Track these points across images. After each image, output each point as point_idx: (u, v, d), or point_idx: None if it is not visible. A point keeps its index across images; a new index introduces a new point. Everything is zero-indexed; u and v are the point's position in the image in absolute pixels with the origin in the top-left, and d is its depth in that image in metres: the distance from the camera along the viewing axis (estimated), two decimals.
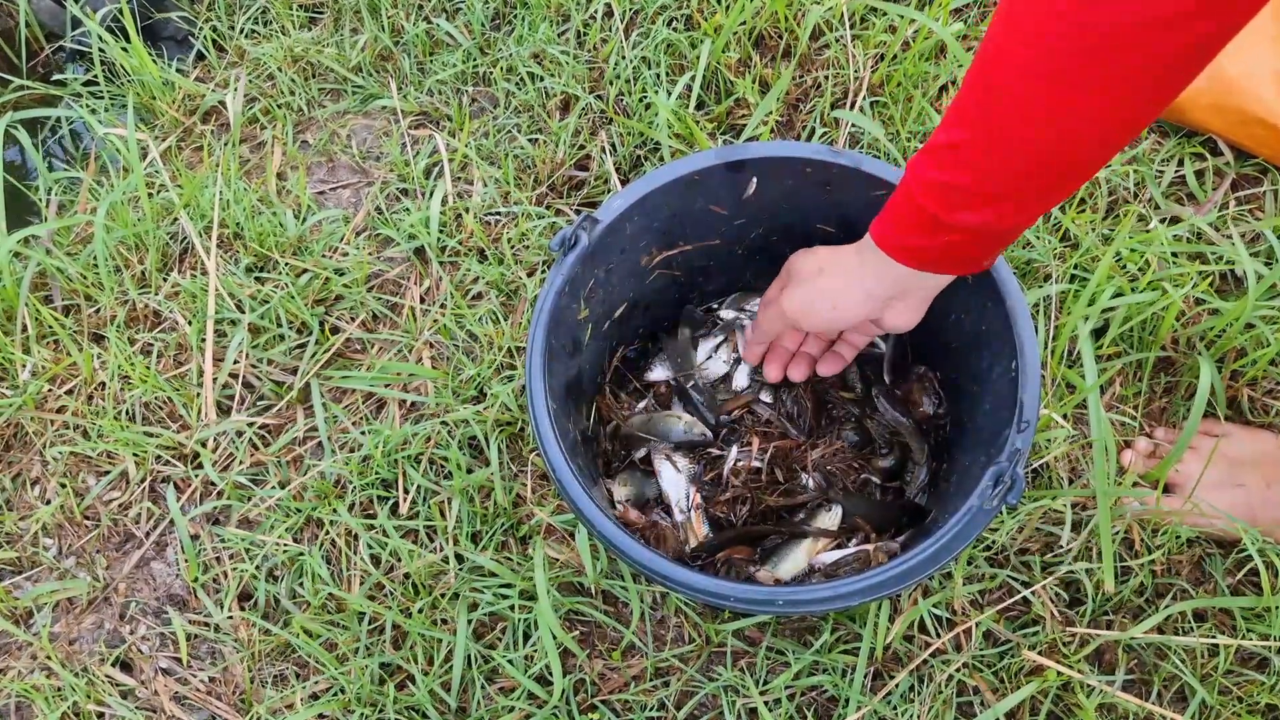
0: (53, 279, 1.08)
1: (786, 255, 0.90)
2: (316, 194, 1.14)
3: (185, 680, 0.90)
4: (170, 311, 1.05)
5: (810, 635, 0.86)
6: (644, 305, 0.90)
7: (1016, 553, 0.88)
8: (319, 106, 1.21)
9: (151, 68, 1.20)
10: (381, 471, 0.94)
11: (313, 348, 1.02)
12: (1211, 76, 1.01)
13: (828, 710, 0.84)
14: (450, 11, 1.24)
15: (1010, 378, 0.70)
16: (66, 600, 0.94)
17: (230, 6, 1.30)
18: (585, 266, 0.77)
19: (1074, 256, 0.98)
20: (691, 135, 1.07)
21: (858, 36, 1.12)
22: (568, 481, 0.68)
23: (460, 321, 1.02)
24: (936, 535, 0.65)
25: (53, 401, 1.02)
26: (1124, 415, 0.93)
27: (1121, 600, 0.85)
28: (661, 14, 1.16)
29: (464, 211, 1.08)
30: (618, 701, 0.85)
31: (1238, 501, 0.86)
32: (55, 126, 1.32)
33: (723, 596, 0.64)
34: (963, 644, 0.85)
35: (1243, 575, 0.87)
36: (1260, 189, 1.04)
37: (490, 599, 0.88)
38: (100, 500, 0.98)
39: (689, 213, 0.83)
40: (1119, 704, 0.81)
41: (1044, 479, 0.90)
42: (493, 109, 1.17)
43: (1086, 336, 0.85)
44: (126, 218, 1.08)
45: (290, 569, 0.92)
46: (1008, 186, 0.58)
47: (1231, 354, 0.95)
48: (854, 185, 0.78)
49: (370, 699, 0.85)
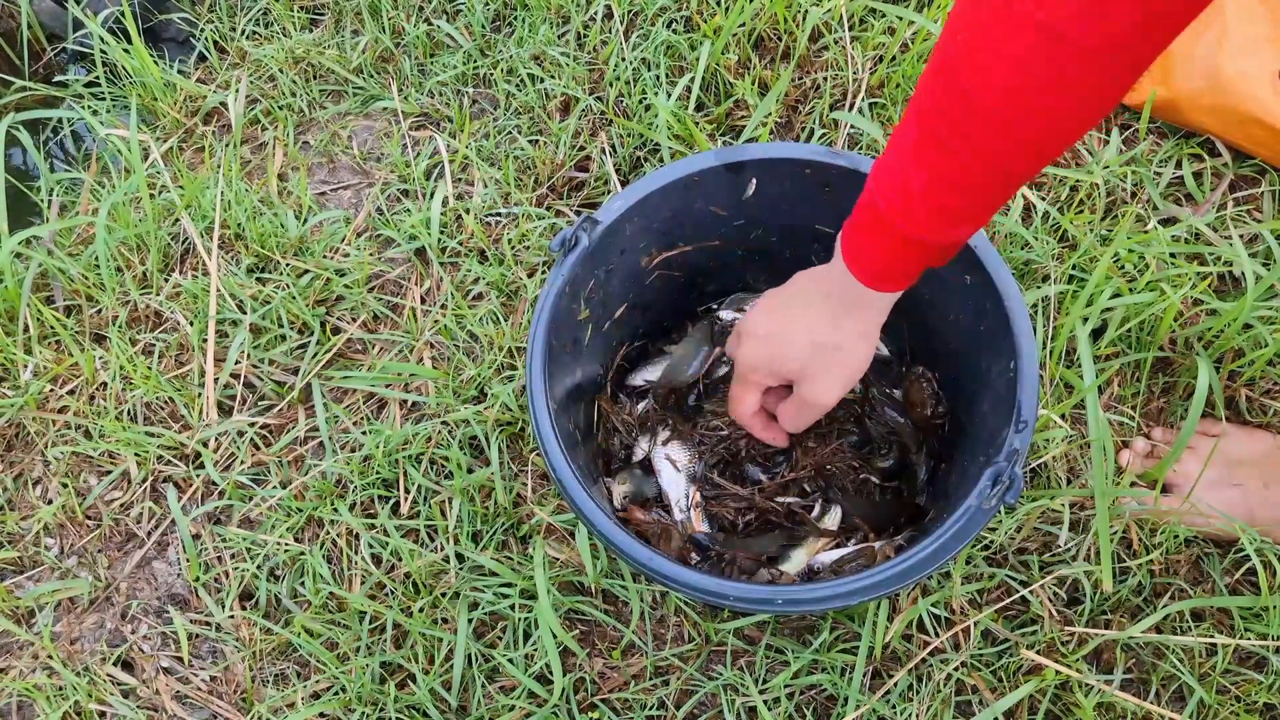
0: (54, 279, 1.08)
1: (786, 256, 0.91)
2: (317, 195, 1.15)
3: (186, 679, 0.90)
4: (172, 312, 1.05)
5: (809, 634, 0.86)
6: (644, 305, 0.91)
7: (1015, 552, 0.88)
8: (320, 108, 1.21)
9: (153, 69, 1.20)
10: (382, 471, 0.94)
11: (314, 348, 1.02)
12: (1210, 77, 1.01)
13: (827, 709, 0.84)
14: (451, 13, 1.25)
15: (1009, 378, 0.70)
16: (68, 600, 0.94)
17: (232, 8, 1.30)
18: (585, 267, 0.77)
19: (1072, 257, 0.98)
20: (691, 136, 1.07)
21: (856, 38, 1.12)
22: (568, 481, 0.69)
23: (461, 322, 1.02)
24: (935, 535, 0.65)
25: (54, 402, 1.02)
26: (1122, 415, 0.93)
27: (1119, 600, 0.86)
28: (661, 16, 1.16)
29: (464, 212, 1.09)
30: (617, 700, 0.86)
31: (1235, 501, 0.86)
32: (57, 128, 1.33)
33: (722, 596, 0.64)
34: (961, 643, 0.85)
35: (1240, 575, 0.87)
36: (1258, 190, 1.05)
37: (491, 598, 0.88)
38: (102, 500, 0.98)
39: (689, 214, 0.83)
40: (1117, 703, 0.82)
41: (1042, 479, 0.91)
42: (493, 110, 1.18)
43: (1085, 337, 0.86)
44: (128, 218, 1.08)
45: (291, 568, 0.92)
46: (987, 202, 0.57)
47: (1229, 354, 0.95)
48: (853, 186, 0.78)
49: (371, 698, 0.86)
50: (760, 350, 0.72)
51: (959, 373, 0.83)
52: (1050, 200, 1.04)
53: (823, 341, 0.68)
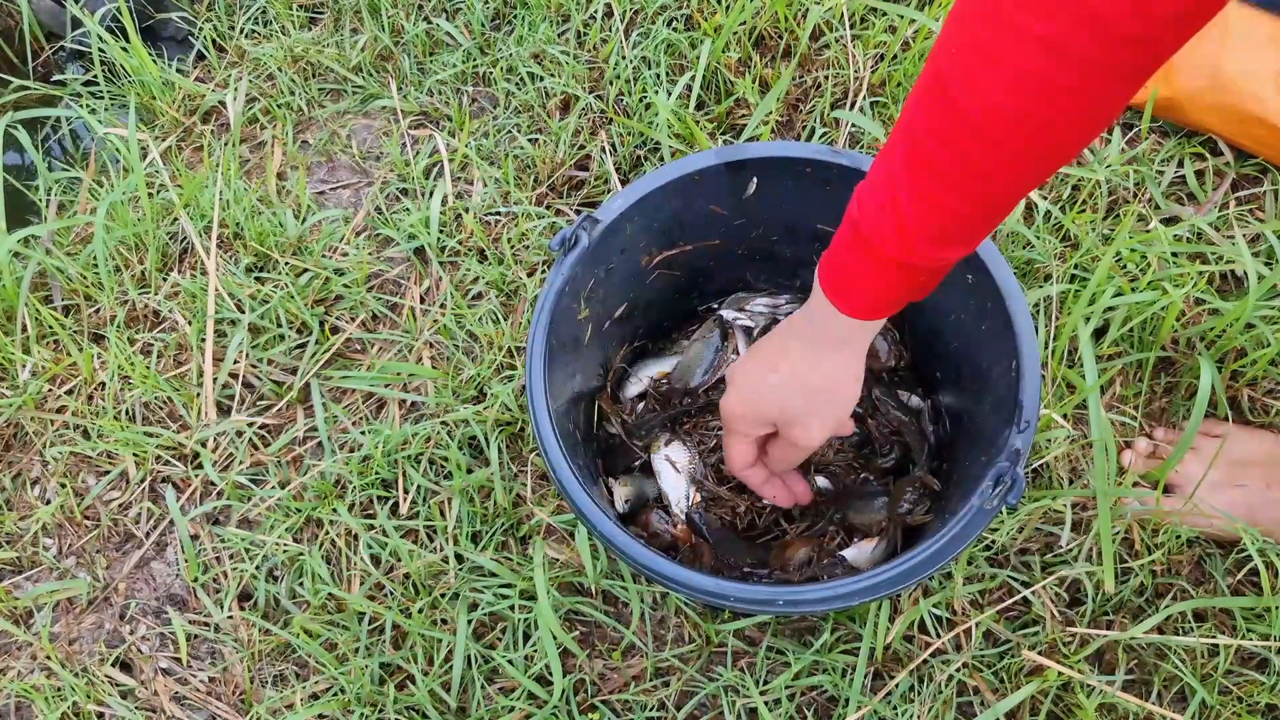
0: (53, 279, 1.08)
1: (787, 256, 0.90)
2: (316, 194, 1.14)
3: (185, 680, 0.90)
4: (170, 311, 1.05)
5: (810, 635, 0.86)
6: (644, 305, 0.90)
7: (1017, 553, 0.88)
8: (319, 106, 1.21)
9: (151, 68, 1.20)
10: (381, 471, 0.94)
11: (313, 348, 1.02)
12: (1211, 76, 1.01)
13: (828, 710, 0.84)
14: (450, 11, 1.24)
15: (1010, 378, 0.70)
16: (66, 600, 0.94)
17: (230, 7, 1.30)
18: (585, 266, 0.77)
19: (1074, 256, 0.98)
20: (691, 135, 1.07)
21: (858, 37, 1.12)
22: (568, 481, 0.68)
23: (460, 321, 1.02)
24: (937, 535, 0.65)
25: (53, 401, 1.02)
26: (1124, 415, 0.93)
27: (1121, 600, 0.85)
28: (661, 14, 1.16)
29: (464, 211, 1.08)
30: (618, 701, 0.85)
31: (1238, 501, 0.86)
32: (55, 126, 1.32)
33: (723, 596, 0.64)
34: (963, 644, 0.85)
35: (1243, 575, 0.87)
36: (1260, 189, 1.04)
37: (490, 599, 0.88)
38: (100, 500, 0.98)
39: (689, 213, 0.83)
40: (1119, 704, 0.81)
41: (1044, 479, 0.90)
42: (493, 109, 1.17)
43: (1087, 337, 0.85)
44: (126, 218, 1.08)
45: (290, 569, 0.92)
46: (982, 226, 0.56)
47: (1231, 354, 0.95)
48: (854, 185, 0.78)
49: (370, 699, 0.85)
50: (742, 400, 0.72)
51: (960, 373, 0.83)
52: (1052, 199, 1.04)
53: (805, 384, 0.68)
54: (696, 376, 0.89)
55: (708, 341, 0.90)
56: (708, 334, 0.91)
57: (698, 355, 0.90)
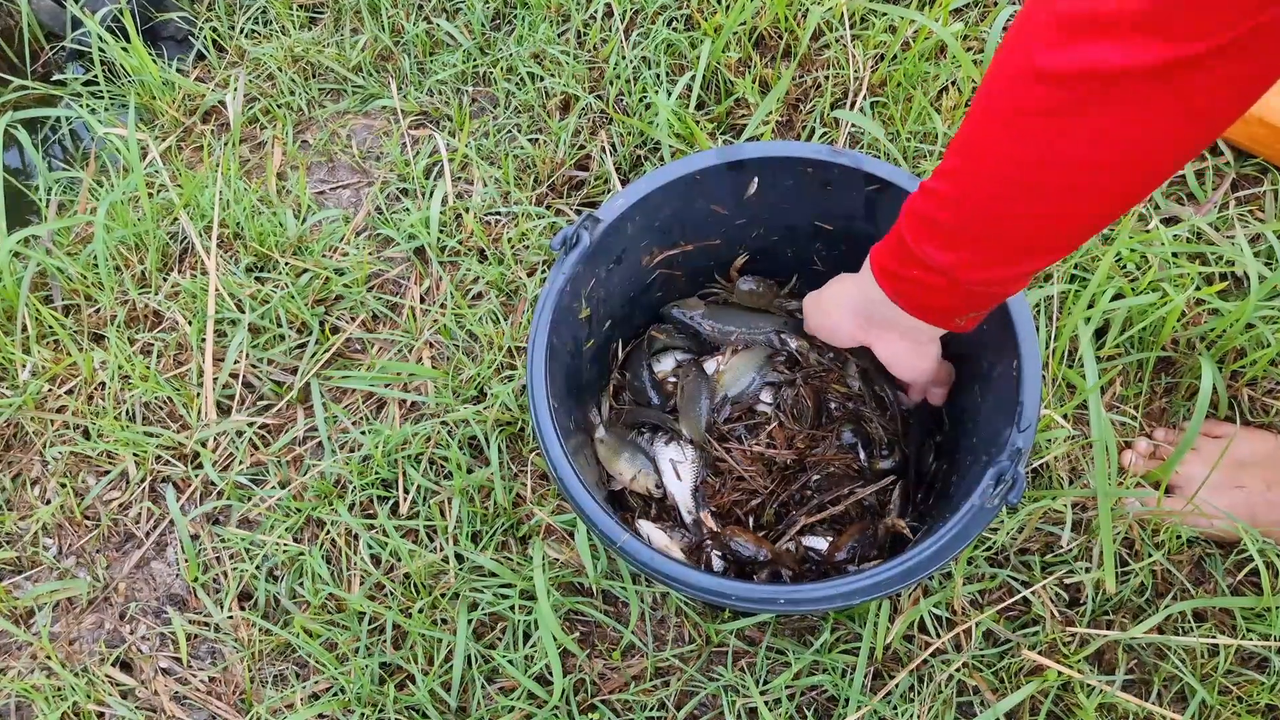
0: (53, 279, 1.08)
1: (787, 255, 0.90)
2: (316, 194, 1.14)
3: (185, 680, 0.89)
4: (170, 311, 1.05)
5: (810, 635, 0.86)
6: (645, 304, 0.90)
7: (1017, 553, 0.88)
8: (319, 106, 1.21)
9: (151, 68, 1.20)
10: (381, 471, 0.94)
11: (313, 347, 1.02)
12: None
13: (828, 710, 0.84)
14: (450, 11, 1.24)
15: (1011, 378, 0.70)
16: (66, 600, 0.94)
17: (230, 6, 1.30)
18: (586, 266, 0.77)
19: (1074, 257, 0.98)
20: (692, 135, 1.07)
21: (858, 37, 1.12)
22: (569, 481, 0.68)
23: (460, 321, 1.02)
24: (937, 535, 0.65)
25: (53, 401, 1.01)
26: (1124, 415, 0.93)
27: (1121, 600, 0.85)
28: (661, 14, 1.16)
29: (464, 211, 1.08)
30: (618, 701, 0.85)
31: (1238, 502, 0.86)
32: (55, 126, 1.32)
33: (723, 595, 0.64)
34: (963, 644, 0.85)
35: (1243, 576, 0.87)
36: (1260, 189, 1.04)
37: (490, 599, 0.88)
38: (100, 500, 0.98)
39: (690, 212, 0.83)
40: (1119, 704, 0.81)
41: (1044, 479, 0.90)
42: (493, 109, 1.17)
43: (1087, 337, 0.85)
44: (126, 217, 1.08)
45: (290, 569, 0.92)
46: (972, 241, 0.59)
47: (1231, 354, 0.95)
48: (854, 185, 0.78)
49: (370, 699, 0.85)
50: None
51: (961, 372, 0.83)
52: None
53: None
54: (744, 386, 0.90)
55: (753, 357, 0.90)
56: (754, 351, 0.91)
57: (745, 366, 0.90)
